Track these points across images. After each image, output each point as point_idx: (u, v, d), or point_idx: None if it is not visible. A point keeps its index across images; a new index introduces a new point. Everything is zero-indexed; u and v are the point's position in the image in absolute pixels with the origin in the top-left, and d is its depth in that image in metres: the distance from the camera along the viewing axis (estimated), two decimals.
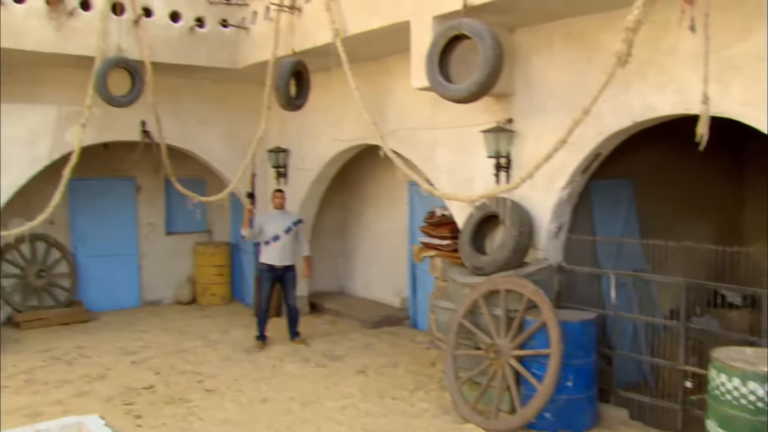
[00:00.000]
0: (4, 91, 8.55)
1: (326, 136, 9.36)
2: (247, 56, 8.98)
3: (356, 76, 7.54)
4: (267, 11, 8.37)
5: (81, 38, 8.10)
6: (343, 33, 7.09)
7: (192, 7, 8.82)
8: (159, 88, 8.97)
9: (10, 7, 7.71)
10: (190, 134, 10.00)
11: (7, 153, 8.62)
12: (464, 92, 5.45)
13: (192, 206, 9.09)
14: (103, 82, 8.10)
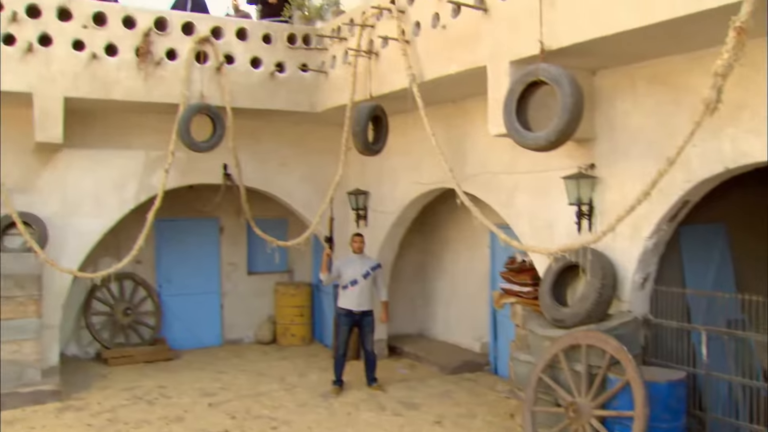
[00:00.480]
0: (97, 137, 9.00)
1: (405, 179, 9.33)
2: (326, 100, 9.10)
3: (434, 119, 7.54)
4: (345, 55, 8.47)
5: (166, 86, 8.43)
6: (419, 78, 7.06)
7: (272, 52, 9.03)
8: (240, 131, 9.23)
9: (103, 60, 8.11)
10: (271, 176, 10.17)
11: (98, 196, 9.02)
12: (542, 141, 5.29)
13: (270, 250, 9.19)
14: (186, 129, 8.35)
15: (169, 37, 8.46)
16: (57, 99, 7.93)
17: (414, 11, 7.23)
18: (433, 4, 6.89)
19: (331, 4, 9.17)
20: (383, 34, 7.65)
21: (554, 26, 5.43)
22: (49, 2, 7.90)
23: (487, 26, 6.16)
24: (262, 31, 9.00)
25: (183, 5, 9.90)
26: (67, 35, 7.96)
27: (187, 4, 9.89)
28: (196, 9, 9.82)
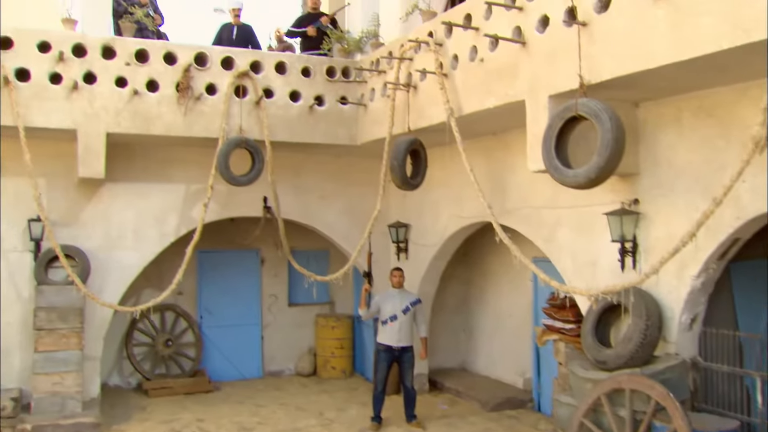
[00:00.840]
0: (139, 171, 9.14)
1: (446, 212, 9.22)
2: (365, 133, 9.08)
3: (474, 152, 7.48)
4: (384, 88, 8.45)
5: (206, 121, 8.52)
6: (457, 112, 6.98)
7: (311, 85, 9.07)
8: (280, 164, 9.28)
9: (144, 95, 8.25)
10: (311, 209, 10.17)
11: (139, 230, 9.14)
12: (582, 179, 5.14)
13: (307, 285, 9.15)
14: (225, 163, 8.41)
15: (209, 71, 8.57)
16: (99, 135, 8.08)
17: (452, 44, 7.17)
18: (470, 37, 6.83)
19: (370, 37, 9.16)
20: (421, 67, 7.61)
21: (594, 60, 5.30)
22: (94, 41, 8.09)
23: (526, 60, 6.06)
24: (301, 65, 9.05)
25: (229, 32, 10.06)
26: (110, 72, 8.13)
27: (233, 31, 10.05)
28: (241, 35, 9.98)
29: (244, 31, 10.15)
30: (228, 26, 10.27)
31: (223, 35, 10.16)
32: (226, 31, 10.17)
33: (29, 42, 7.81)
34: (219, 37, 10.17)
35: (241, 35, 10.03)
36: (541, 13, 5.88)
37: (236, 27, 10.14)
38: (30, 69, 7.81)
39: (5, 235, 8.54)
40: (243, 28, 10.19)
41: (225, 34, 10.15)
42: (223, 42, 9.99)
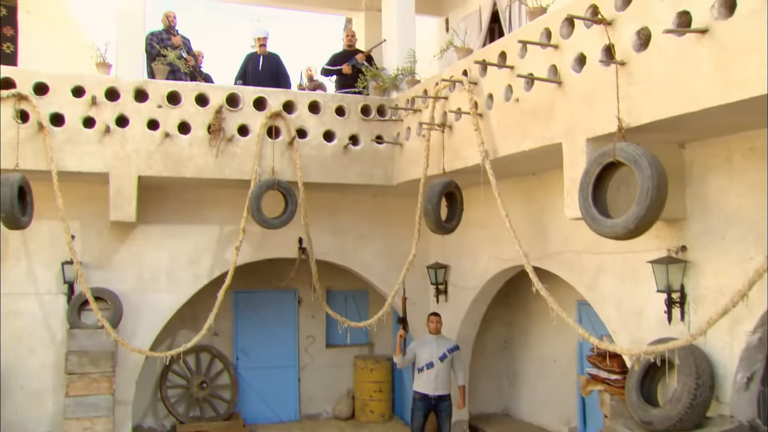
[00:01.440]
0: (172, 212, 9.12)
1: (485, 254, 8.92)
2: (401, 173, 8.88)
3: (513, 192, 7.26)
4: (420, 127, 8.25)
5: (238, 162, 8.45)
6: (492, 154, 6.73)
7: (346, 125, 8.94)
8: (316, 204, 9.18)
9: (176, 138, 8.23)
10: (348, 250, 9.99)
11: (172, 272, 9.08)
12: (620, 230, 4.82)
13: (341, 330, 8.93)
14: (257, 206, 8.29)
15: (241, 112, 8.52)
16: (131, 178, 8.08)
17: (487, 83, 6.95)
18: (505, 76, 6.60)
19: (405, 74, 9.00)
20: (456, 107, 7.40)
21: (633, 101, 5.01)
22: (127, 85, 8.12)
23: (562, 100, 5.79)
24: (335, 104, 8.93)
25: (254, 62, 10.00)
26: (142, 115, 8.14)
27: (258, 61, 9.98)
28: (268, 65, 9.91)
29: (270, 61, 10.07)
30: (254, 56, 10.19)
31: (249, 66, 10.10)
32: (252, 62, 10.10)
33: (64, 87, 7.89)
34: (244, 68, 10.13)
35: (267, 66, 9.95)
36: (577, 52, 5.62)
37: (262, 57, 10.06)
38: (64, 113, 7.89)
39: (40, 278, 8.57)
40: (269, 58, 10.10)
41: (251, 65, 10.09)
42: (248, 74, 9.97)
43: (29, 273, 8.50)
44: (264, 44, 10.12)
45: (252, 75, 9.96)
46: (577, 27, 5.65)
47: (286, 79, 10.11)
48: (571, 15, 5.54)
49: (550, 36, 5.99)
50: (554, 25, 5.91)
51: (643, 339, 6.15)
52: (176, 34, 9.19)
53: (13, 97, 7.59)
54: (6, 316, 8.38)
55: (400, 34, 9.38)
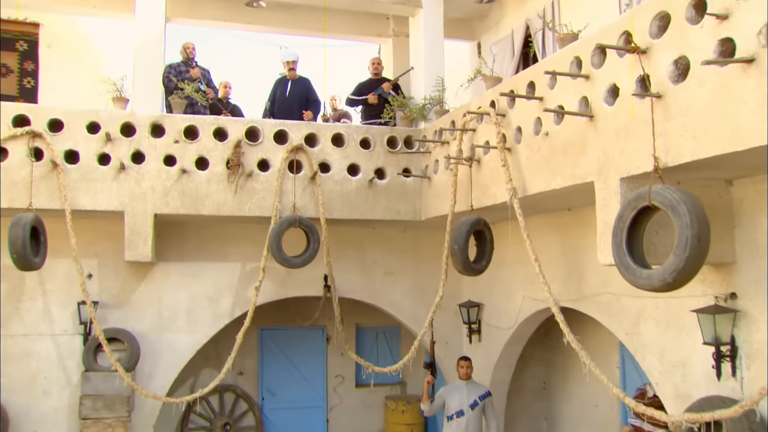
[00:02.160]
0: (192, 249, 8.93)
1: (520, 293, 8.48)
2: (430, 208, 8.53)
3: (546, 228, 7.04)
4: (448, 160, 7.90)
5: (258, 198, 8.22)
6: (521, 191, 6.33)
7: (371, 158, 8.65)
8: (342, 239, 8.97)
9: (193, 174, 8.03)
10: (376, 287, 9.66)
11: (192, 311, 8.86)
12: (656, 282, 4.37)
13: (366, 375, 8.57)
14: (277, 244, 8.02)
15: (261, 146, 8.30)
16: (147, 216, 7.90)
17: (515, 115, 6.57)
18: (534, 107, 6.21)
19: (434, 103, 8.68)
20: (485, 140, 7.04)
21: (670, 138, 4.57)
22: (143, 120, 7.97)
23: (593, 136, 5.38)
24: (359, 136, 8.65)
25: (282, 88, 9.78)
26: (158, 151, 7.99)
27: (286, 87, 9.76)
28: (296, 91, 9.68)
29: (299, 86, 9.82)
30: (282, 81, 9.96)
31: (277, 92, 9.89)
32: (280, 87, 9.89)
33: (79, 123, 7.78)
34: (273, 94, 9.92)
35: (295, 91, 9.71)
36: (609, 83, 5.21)
37: (291, 82, 9.83)
38: (78, 150, 7.78)
39: (56, 318, 8.42)
40: (299, 83, 9.85)
41: (279, 90, 9.88)
42: (276, 100, 9.75)
43: (45, 313, 8.36)
44: (293, 68, 9.89)
45: (279, 101, 9.76)
46: (609, 56, 5.25)
47: (315, 105, 9.87)
48: (600, 45, 5.15)
49: (580, 65, 5.60)
50: (585, 53, 5.53)
51: (689, 394, 5.66)
52: (195, 66, 9.03)
53: (27, 134, 7.49)
54: (20, 358, 8.24)
55: (429, 61, 9.09)
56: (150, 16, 8.18)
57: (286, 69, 9.91)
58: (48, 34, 9.74)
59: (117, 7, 8.99)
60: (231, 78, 10.39)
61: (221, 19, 10.14)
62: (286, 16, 10.13)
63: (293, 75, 9.88)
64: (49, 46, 9.77)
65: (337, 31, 10.61)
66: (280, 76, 10.05)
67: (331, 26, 10.40)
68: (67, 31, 10.53)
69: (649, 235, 5.01)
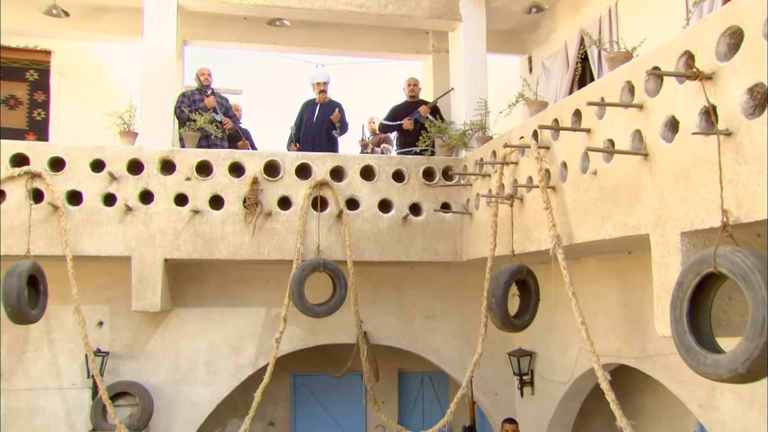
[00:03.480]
0: (211, 293, 8.49)
1: (576, 344, 7.66)
2: (472, 248, 7.84)
3: (603, 272, 6.50)
4: (489, 194, 7.20)
5: (278, 240, 7.72)
6: (567, 238, 5.59)
7: (405, 192, 8.02)
8: (378, 280, 8.52)
9: (206, 214, 7.56)
10: (416, 332, 8.98)
11: (212, 361, 8.39)
12: (725, 372, 3.57)
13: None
14: (299, 291, 7.45)
15: (281, 182, 7.78)
16: (156, 261, 7.47)
17: (560, 148, 5.83)
18: (581, 140, 5.46)
19: (475, 129, 8.00)
20: (528, 174, 6.33)
21: (744, 187, 3.75)
22: (151, 155, 7.56)
23: (648, 178, 4.60)
24: (392, 168, 8.03)
25: (310, 112, 9.24)
26: (168, 190, 7.55)
27: (314, 111, 9.21)
28: (325, 116, 9.14)
29: (329, 110, 9.24)
30: (310, 104, 9.42)
31: (304, 116, 9.38)
32: (308, 111, 9.36)
33: (81, 161, 7.42)
34: (299, 118, 9.41)
35: (324, 116, 9.16)
36: (667, 115, 4.44)
37: (319, 106, 9.28)
38: (81, 191, 7.41)
39: (64, 370, 8.03)
40: (328, 107, 9.27)
41: (305, 114, 9.36)
42: (302, 125, 9.23)
43: (52, 365, 7.99)
44: (324, 90, 9.34)
45: (306, 126, 9.23)
46: (667, 81, 4.48)
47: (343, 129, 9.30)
48: (653, 73, 4.39)
49: (633, 91, 4.85)
50: (638, 77, 4.76)
51: None
52: (209, 94, 8.56)
53: (25, 174, 7.15)
54: (24, 415, 7.87)
55: (470, 81, 8.42)
56: (159, 40, 7.78)
57: (315, 91, 9.35)
58: (60, 62, 9.50)
59: (129, 31, 8.64)
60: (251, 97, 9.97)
61: (242, 40, 9.71)
62: (312, 34, 9.63)
63: (323, 98, 9.32)
64: (62, 74, 9.51)
65: (370, 48, 10.06)
66: (308, 99, 9.49)
67: (364, 44, 9.86)
68: (81, 59, 10.26)
69: (720, 301, 4.24)
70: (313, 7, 8.14)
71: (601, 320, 6.92)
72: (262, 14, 8.76)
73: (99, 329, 8.04)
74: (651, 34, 6.36)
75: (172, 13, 7.84)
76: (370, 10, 8.29)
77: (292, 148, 9.31)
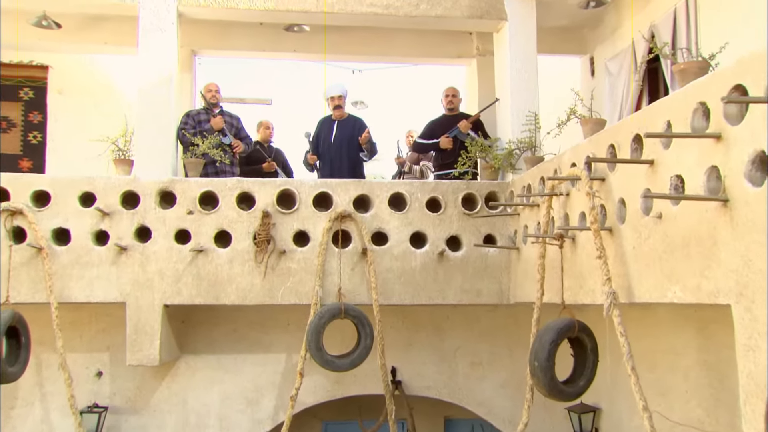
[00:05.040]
0: (223, 338, 7.94)
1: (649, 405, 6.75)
2: (520, 288, 6.99)
3: (682, 322, 5.83)
4: (537, 227, 6.35)
5: (294, 282, 7.04)
6: (625, 295, 4.71)
7: (442, 223, 7.22)
8: (414, 321, 7.93)
9: (211, 253, 6.94)
10: (460, 381, 8.18)
11: (226, 415, 7.79)
12: None
13: None
14: (317, 342, 6.74)
15: (297, 214, 7.08)
16: (154, 308, 6.87)
17: (616, 181, 4.94)
18: (643, 173, 4.57)
19: (524, 148, 7.15)
20: (580, 209, 5.47)
21: None
22: (148, 186, 6.97)
23: (729, 231, 3.69)
24: (426, 195, 7.24)
25: (327, 131, 8.54)
26: (167, 225, 6.95)
27: (332, 130, 8.50)
28: (344, 135, 8.43)
29: (349, 128, 8.53)
30: (327, 123, 8.69)
31: (321, 136, 8.66)
32: (324, 130, 8.64)
33: (69, 195, 6.88)
34: (315, 139, 8.73)
35: (343, 135, 8.46)
36: (755, 149, 3.53)
37: (337, 124, 8.54)
38: (69, 228, 6.86)
39: (57, 427, 7.49)
40: (348, 125, 8.56)
41: (323, 134, 8.64)
42: (319, 146, 8.56)
43: (44, 422, 7.49)
44: (340, 105, 8.60)
45: (323, 148, 8.53)
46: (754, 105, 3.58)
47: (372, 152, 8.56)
48: (731, 100, 3.50)
49: (708, 115, 3.95)
50: (713, 97, 3.87)
51: None
52: (217, 113, 7.93)
53: (3, 212, 6.64)
54: None
55: (518, 90, 7.57)
56: (157, 53, 7.21)
57: (330, 107, 8.64)
58: (59, 78, 9.01)
59: (132, 42, 8.08)
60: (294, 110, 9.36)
61: (258, 49, 9.06)
62: (337, 39, 8.89)
63: (340, 114, 8.59)
64: (61, 92, 9.03)
65: (404, 54, 9.29)
66: (325, 116, 8.78)
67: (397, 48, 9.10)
68: (82, 74, 9.76)
69: None
70: (332, 10, 7.44)
71: (678, 381, 6.00)
72: (274, 20, 8.10)
73: (98, 380, 7.52)
74: (739, 33, 5.45)
75: (171, 22, 7.25)
76: (399, 11, 7.53)
77: (309, 158, 8.64)
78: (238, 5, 7.37)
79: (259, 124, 9.40)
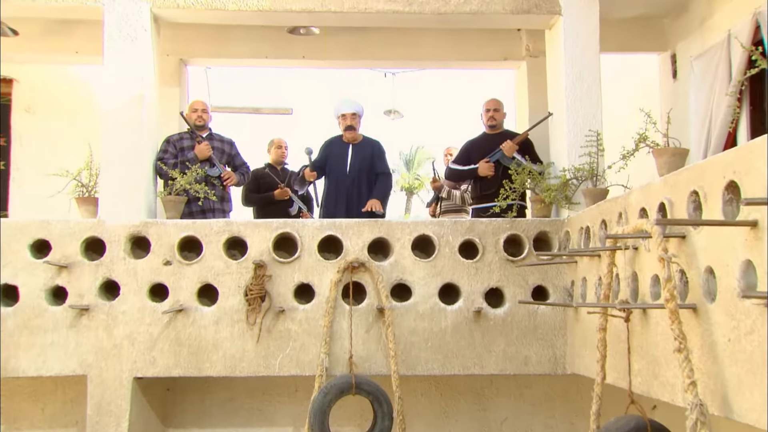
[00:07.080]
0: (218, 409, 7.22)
1: None
2: (577, 357, 6.03)
3: None
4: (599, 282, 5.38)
5: (295, 347, 6.28)
6: (717, 406, 3.71)
7: (479, 272, 6.29)
8: (452, 387, 7.15)
9: (193, 313, 6.16)
10: None
11: None
12: None
13: None
14: (321, 425, 5.89)
15: (299, 263, 6.24)
16: (122, 382, 6.11)
17: (703, 241, 3.94)
18: (741, 234, 3.57)
19: (582, 178, 6.18)
20: (653, 272, 4.49)
21: None
22: (116, 231, 6.22)
23: None
24: (459, 237, 6.32)
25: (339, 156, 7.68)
26: (139, 279, 6.20)
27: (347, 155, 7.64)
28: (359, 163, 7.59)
29: (366, 153, 7.69)
30: (337, 146, 7.85)
31: (330, 161, 7.84)
32: (336, 157, 7.83)
33: (18, 243, 6.17)
34: (322, 163, 7.85)
35: (360, 163, 7.64)
36: None
37: (352, 148, 7.69)
38: (17, 285, 6.15)
39: None
40: (364, 149, 7.70)
41: (334, 162, 7.82)
42: (327, 176, 7.82)
43: None
44: (353, 126, 7.72)
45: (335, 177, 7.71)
46: None
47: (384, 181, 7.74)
48: None
49: None
50: None
51: None
52: (203, 138, 7.14)
53: None
54: None
55: (575, 103, 6.58)
56: (125, 67, 6.46)
57: (341, 126, 7.76)
58: (26, 94, 8.34)
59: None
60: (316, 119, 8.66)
61: (260, 55, 8.34)
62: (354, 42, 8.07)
63: (353, 136, 7.70)
64: (28, 110, 8.36)
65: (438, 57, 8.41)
66: (332, 137, 7.87)
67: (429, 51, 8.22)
68: (54, 89, 9.06)
69: None
70: (342, 9, 6.56)
71: None
72: (271, 21, 7.28)
73: None
74: None
75: (144, 28, 6.48)
76: (424, 8, 6.62)
77: (307, 174, 7.75)
78: (225, 6, 6.55)
79: (270, 144, 8.65)
